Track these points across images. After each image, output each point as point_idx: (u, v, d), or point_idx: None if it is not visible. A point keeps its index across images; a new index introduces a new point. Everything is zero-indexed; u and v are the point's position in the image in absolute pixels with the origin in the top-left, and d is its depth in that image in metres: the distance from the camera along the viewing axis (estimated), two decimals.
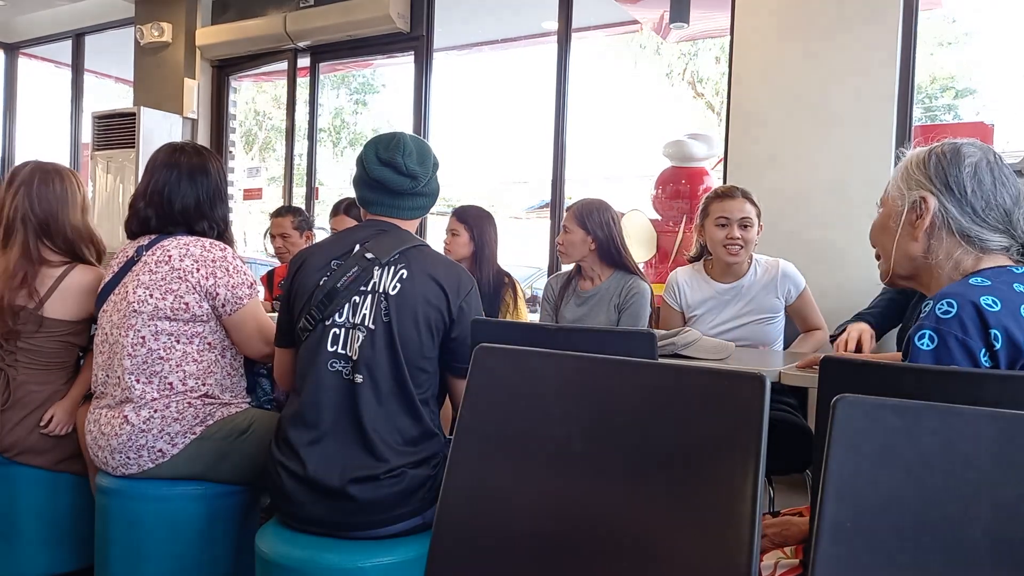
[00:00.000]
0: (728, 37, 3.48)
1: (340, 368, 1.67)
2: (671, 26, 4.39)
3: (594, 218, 2.67)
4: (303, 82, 5.43)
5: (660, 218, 4.05)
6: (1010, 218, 1.26)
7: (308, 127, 5.40)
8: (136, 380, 1.87)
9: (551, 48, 4.36)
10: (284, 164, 5.56)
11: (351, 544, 1.64)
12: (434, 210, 2.06)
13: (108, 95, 8.18)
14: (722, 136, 3.61)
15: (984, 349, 1.13)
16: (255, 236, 6.25)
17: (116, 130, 5.44)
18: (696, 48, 8.97)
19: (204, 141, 5.66)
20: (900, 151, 1.39)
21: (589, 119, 7.52)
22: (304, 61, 5.39)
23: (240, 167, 6.43)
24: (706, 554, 0.96)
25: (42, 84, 7.56)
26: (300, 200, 5.36)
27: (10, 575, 2.19)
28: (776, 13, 3.30)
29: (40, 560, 2.21)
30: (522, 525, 1.12)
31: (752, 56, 3.36)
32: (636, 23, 5.40)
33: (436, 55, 4.88)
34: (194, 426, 1.88)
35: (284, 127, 5.59)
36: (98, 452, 1.90)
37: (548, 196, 4.39)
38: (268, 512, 1.89)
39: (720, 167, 3.75)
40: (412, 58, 4.89)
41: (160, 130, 5.38)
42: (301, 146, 5.45)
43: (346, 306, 1.69)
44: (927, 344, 1.16)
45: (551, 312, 2.81)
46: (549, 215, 4.40)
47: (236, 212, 5.98)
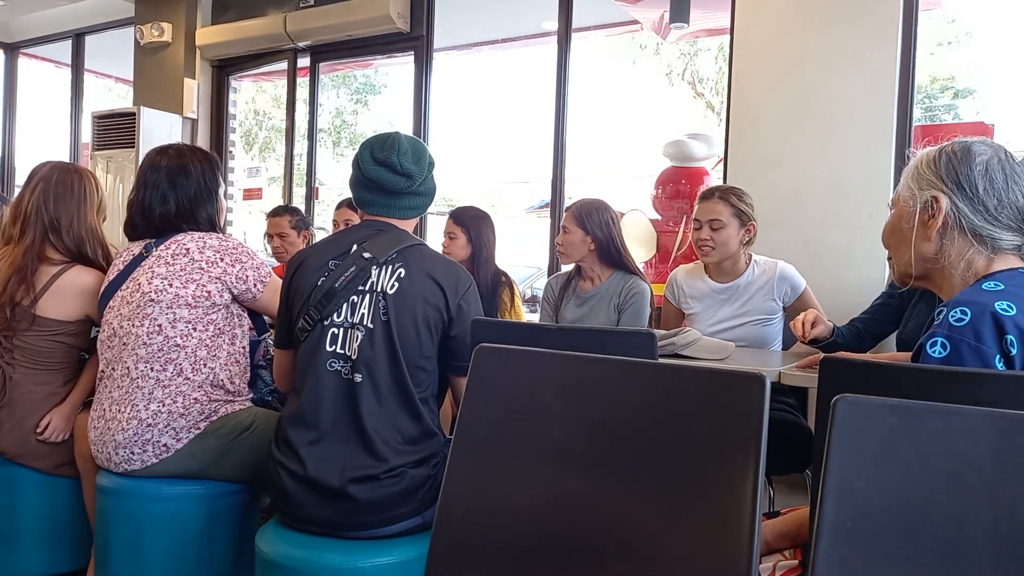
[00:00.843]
0: (728, 37, 3.48)
1: (339, 368, 1.67)
2: (671, 26, 4.38)
3: (593, 218, 2.67)
4: (303, 82, 5.43)
5: (660, 218, 4.04)
6: (1023, 216, 1.25)
7: (308, 127, 5.40)
8: (150, 368, 1.89)
9: (551, 48, 4.36)
10: (284, 164, 5.56)
11: (351, 544, 1.64)
12: (434, 210, 2.06)
13: (108, 95, 8.19)
14: (722, 136, 3.60)
15: (999, 355, 1.12)
16: (255, 236, 6.24)
17: (116, 130, 5.43)
18: (696, 48, 8.96)
19: (204, 141, 5.66)
20: (910, 152, 1.37)
21: (589, 119, 7.51)
22: (304, 61, 5.39)
23: (240, 167, 6.42)
24: (706, 554, 0.96)
25: (42, 84, 7.56)
26: (300, 200, 5.35)
27: (9, 575, 2.19)
28: (776, 13, 3.30)
29: (39, 560, 2.21)
30: (522, 525, 1.11)
31: (752, 56, 3.36)
32: (636, 23, 5.38)
33: (436, 55, 4.87)
34: (199, 422, 1.90)
35: (284, 127, 5.59)
36: (102, 449, 1.91)
37: (548, 196, 4.39)
38: (268, 512, 1.89)
39: (720, 167, 3.75)
40: (412, 58, 4.89)
41: (160, 130, 5.36)
42: (301, 146, 5.45)
43: (344, 306, 1.69)
44: (939, 352, 1.15)
45: (551, 312, 2.81)
46: (549, 215, 4.40)
47: (236, 212, 5.98)
